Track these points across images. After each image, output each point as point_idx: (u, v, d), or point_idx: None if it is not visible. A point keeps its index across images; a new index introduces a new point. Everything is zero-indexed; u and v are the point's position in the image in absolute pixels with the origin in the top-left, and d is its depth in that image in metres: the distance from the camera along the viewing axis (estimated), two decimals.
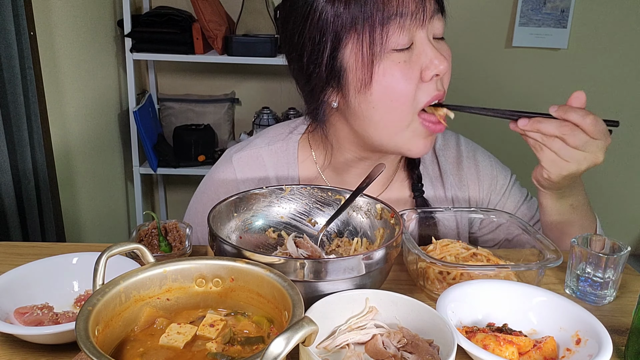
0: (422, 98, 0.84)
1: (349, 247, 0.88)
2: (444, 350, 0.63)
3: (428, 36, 0.83)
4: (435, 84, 0.85)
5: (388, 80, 0.81)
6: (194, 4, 2.28)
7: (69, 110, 2.12)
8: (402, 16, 0.78)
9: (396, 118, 0.85)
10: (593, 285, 0.83)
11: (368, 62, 0.81)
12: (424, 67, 0.82)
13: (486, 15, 2.66)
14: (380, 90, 0.82)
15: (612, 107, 2.78)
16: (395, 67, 0.81)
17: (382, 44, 0.79)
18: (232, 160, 1.03)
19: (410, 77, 0.82)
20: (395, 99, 0.82)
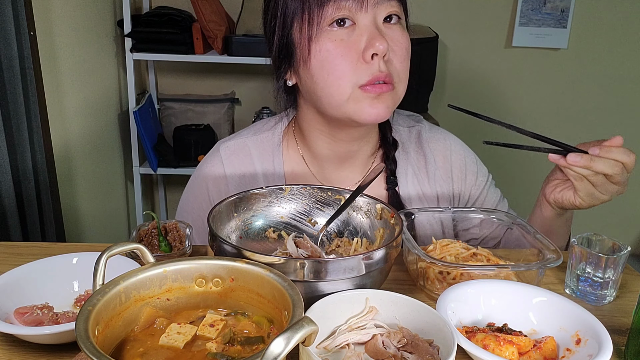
0: (362, 76, 0.88)
1: (349, 247, 0.88)
2: (444, 350, 0.63)
3: (376, 19, 0.88)
4: (377, 65, 0.88)
5: (324, 56, 0.88)
6: (194, 4, 2.28)
7: (69, 110, 2.12)
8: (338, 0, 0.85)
9: (335, 92, 0.90)
10: (593, 285, 0.83)
11: (307, 39, 0.88)
12: (365, 47, 0.87)
13: (486, 15, 2.66)
14: (317, 65, 0.89)
15: (612, 107, 2.78)
16: (331, 44, 0.87)
17: (318, 22, 0.86)
18: (220, 149, 1.07)
19: (347, 55, 0.87)
20: (331, 74, 0.88)
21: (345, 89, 0.89)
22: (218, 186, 1.06)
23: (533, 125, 2.82)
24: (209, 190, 1.06)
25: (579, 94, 2.77)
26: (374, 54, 0.87)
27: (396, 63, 0.91)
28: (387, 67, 0.89)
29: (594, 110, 2.79)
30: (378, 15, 0.89)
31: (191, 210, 1.09)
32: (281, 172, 1.05)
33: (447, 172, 1.10)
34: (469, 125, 2.81)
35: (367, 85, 0.89)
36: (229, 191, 1.04)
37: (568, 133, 2.84)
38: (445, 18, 2.66)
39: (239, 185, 1.05)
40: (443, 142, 1.12)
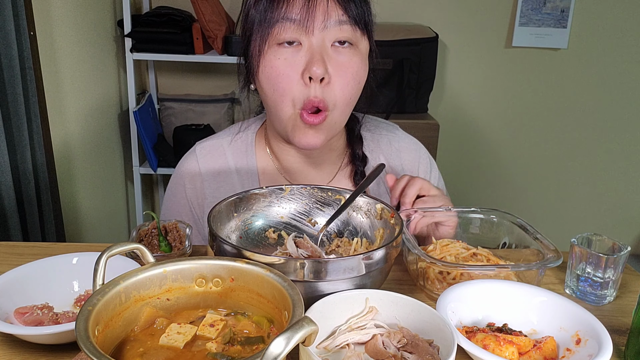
0: (299, 97, 0.91)
1: (349, 247, 0.88)
2: (444, 350, 0.63)
3: (323, 42, 0.90)
4: (313, 89, 0.90)
5: (269, 72, 0.92)
6: (194, 4, 2.28)
7: (69, 110, 2.12)
8: (286, 20, 0.89)
9: (278, 108, 0.94)
10: (593, 285, 0.83)
11: (257, 54, 0.93)
12: (303, 69, 0.90)
13: (486, 15, 2.66)
14: (264, 80, 0.94)
15: (612, 107, 2.78)
16: (275, 62, 0.91)
17: (267, 40, 0.91)
18: (196, 150, 1.12)
19: (289, 73, 0.90)
20: (275, 90, 0.92)
21: (287, 106, 0.93)
22: (194, 184, 1.09)
23: (533, 125, 2.83)
24: (185, 188, 1.10)
25: (579, 94, 2.77)
26: (310, 77, 0.89)
27: (337, 89, 0.92)
28: (322, 93, 0.91)
29: (594, 110, 2.79)
30: (326, 38, 0.91)
31: (171, 208, 1.12)
32: (254, 170, 1.09)
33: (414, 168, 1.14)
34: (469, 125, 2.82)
35: (303, 111, 0.92)
36: (204, 188, 1.08)
37: (568, 133, 2.84)
38: (445, 18, 2.66)
39: (213, 183, 1.09)
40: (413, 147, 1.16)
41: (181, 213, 1.10)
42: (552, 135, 2.85)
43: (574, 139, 2.84)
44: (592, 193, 2.90)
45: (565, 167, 2.88)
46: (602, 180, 2.89)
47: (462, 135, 2.79)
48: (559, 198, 2.92)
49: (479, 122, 2.81)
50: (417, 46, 2.42)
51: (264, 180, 1.09)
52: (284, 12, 0.89)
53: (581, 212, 2.93)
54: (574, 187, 2.90)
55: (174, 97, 2.69)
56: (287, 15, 0.89)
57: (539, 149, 2.87)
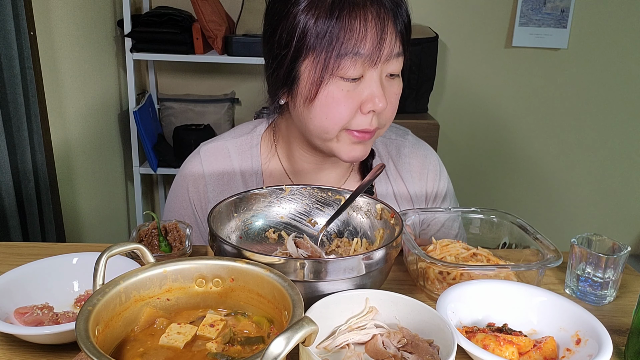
0: (354, 124, 0.92)
1: (349, 248, 0.88)
2: (444, 350, 0.63)
3: (380, 75, 0.91)
4: (370, 118, 0.92)
5: (329, 102, 0.90)
6: (194, 4, 2.28)
7: (69, 110, 2.12)
8: (356, 55, 0.86)
9: (326, 131, 0.93)
10: (593, 285, 0.83)
11: (317, 82, 0.89)
12: (365, 100, 0.90)
13: (486, 15, 2.66)
14: (319, 108, 0.91)
15: (612, 107, 2.78)
16: (339, 94, 0.89)
17: (332, 71, 0.88)
18: (200, 151, 1.10)
19: (349, 105, 0.90)
20: (330, 119, 0.91)
21: (335, 131, 0.93)
22: (197, 186, 1.08)
23: (533, 125, 2.83)
24: (188, 190, 1.09)
25: (579, 94, 2.77)
26: (371, 110, 0.90)
27: (388, 114, 0.95)
28: (378, 121, 0.93)
29: (594, 110, 2.79)
30: (384, 71, 0.91)
31: (174, 209, 1.11)
32: (260, 174, 1.08)
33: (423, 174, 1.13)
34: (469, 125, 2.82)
35: (355, 131, 0.93)
36: (207, 190, 1.07)
37: (568, 133, 2.84)
38: (445, 18, 2.66)
39: (217, 185, 1.07)
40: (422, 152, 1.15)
41: (183, 215, 1.09)
42: (552, 135, 2.85)
43: (574, 138, 2.84)
44: (592, 193, 2.90)
45: (565, 167, 2.88)
46: (602, 180, 2.89)
47: (462, 135, 2.79)
48: (559, 198, 2.92)
49: (479, 122, 2.81)
50: (417, 46, 2.42)
51: (269, 183, 1.08)
52: (355, 47, 0.86)
53: (581, 212, 2.93)
54: (574, 187, 2.90)
55: (174, 97, 2.69)
56: (359, 50, 0.86)
57: (539, 149, 2.87)
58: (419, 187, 1.13)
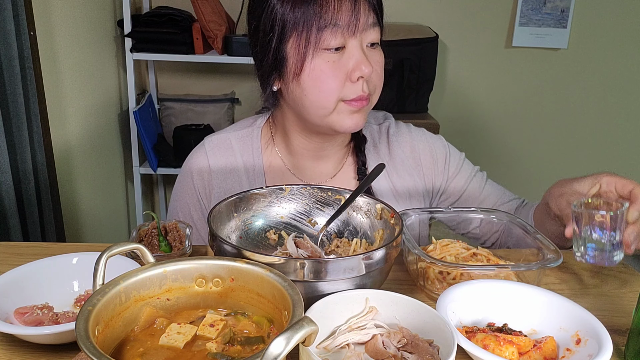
0: (347, 94, 0.97)
1: (348, 248, 0.88)
2: (444, 350, 0.63)
3: (361, 44, 0.96)
4: (361, 85, 0.97)
5: (318, 75, 0.96)
6: (194, 4, 2.28)
7: (69, 110, 2.12)
8: (335, 25, 0.93)
9: (322, 105, 0.98)
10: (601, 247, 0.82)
11: (302, 57, 0.95)
12: (352, 69, 0.95)
13: (486, 15, 2.66)
14: (309, 81, 0.97)
15: (612, 107, 2.78)
16: (324, 65, 0.95)
17: (315, 44, 0.94)
18: (205, 143, 1.15)
19: (337, 75, 0.96)
20: (322, 90, 0.96)
21: (332, 103, 0.97)
22: (202, 176, 1.12)
23: (533, 124, 2.83)
24: (194, 180, 1.13)
25: (579, 94, 2.77)
26: (359, 76, 0.95)
27: (375, 80, 1.00)
28: (368, 87, 0.98)
29: (594, 110, 2.79)
30: (364, 39, 0.97)
31: (180, 199, 1.15)
32: (260, 165, 1.12)
33: (417, 166, 1.16)
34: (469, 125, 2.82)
35: (350, 100, 0.97)
36: (212, 182, 1.11)
37: (568, 133, 2.84)
38: (445, 18, 2.66)
39: (221, 176, 1.11)
40: (408, 135, 1.17)
41: (189, 204, 1.13)
42: (552, 135, 2.85)
43: (574, 138, 2.84)
44: None
45: (565, 167, 2.88)
46: None
47: (462, 135, 2.79)
48: None
49: (479, 122, 2.81)
50: (417, 46, 2.42)
51: (269, 174, 1.12)
52: (332, 19, 0.93)
53: None
54: None
55: (174, 97, 2.68)
56: (335, 22, 0.93)
57: (538, 148, 2.87)
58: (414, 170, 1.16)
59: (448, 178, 1.16)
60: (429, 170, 1.15)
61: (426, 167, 1.15)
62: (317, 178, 1.12)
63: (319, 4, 0.92)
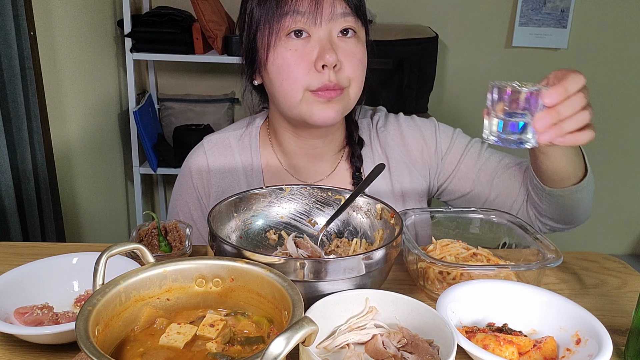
0: (313, 83, 0.96)
1: (348, 248, 0.88)
2: (444, 350, 0.63)
3: (330, 34, 0.96)
4: (327, 75, 0.95)
5: (280, 63, 0.97)
6: (194, 4, 2.28)
7: (69, 110, 2.12)
8: (295, 12, 0.94)
9: (288, 94, 0.98)
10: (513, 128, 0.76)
11: (267, 46, 0.97)
12: (316, 58, 0.95)
13: (486, 15, 2.66)
14: (274, 70, 0.98)
15: (612, 107, 2.78)
16: (287, 53, 0.96)
17: (277, 33, 0.96)
18: (204, 143, 1.16)
19: (300, 63, 0.96)
20: (285, 79, 0.97)
21: (298, 92, 0.97)
22: (201, 175, 1.13)
23: None
24: (193, 179, 1.13)
25: None
26: (323, 64, 0.94)
27: (348, 71, 0.98)
28: (336, 77, 0.96)
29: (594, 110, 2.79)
30: (333, 29, 0.96)
31: (180, 198, 1.15)
32: (258, 165, 1.12)
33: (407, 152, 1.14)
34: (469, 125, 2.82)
35: (317, 91, 0.96)
36: (211, 181, 1.12)
37: None
38: (445, 18, 2.66)
39: (219, 175, 1.12)
40: (396, 124, 1.16)
41: (189, 203, 1.14)
42: None
43: None
44: None
45: None
46: (601, 180, 2.87)
47: None
48: None
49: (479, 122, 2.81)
50: (417, 46, 2.42)
51: (267, 174, 1.12)
52: (293, 6, 0.94)
53: None
54: None
55: (174, 97, 2.68)
56: (296, 9, 0.94)
57: None
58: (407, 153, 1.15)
59: (443, 155, 1.14)
60: (421, 153, 1.14)
61: (417, 151, 1.14)
62: (313, 177, 1.11)
63: None
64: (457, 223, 1.07)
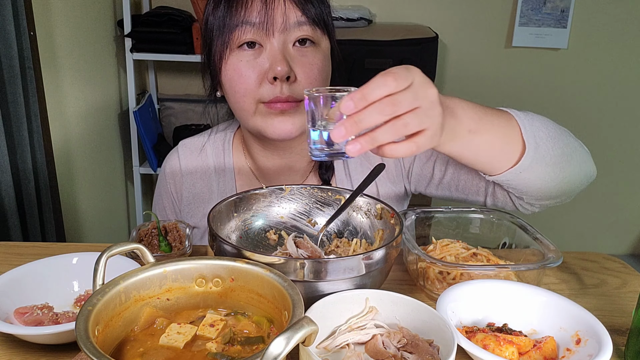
0: (263, 95, 0.94)
1: (348, 248, 0.88)
2: (444, 350, 0.63)
3: (284, 44, 0.93)
4: (279, 87, 0.92)
5: (232, 75, 0.96)
6: (194, 4, 2.28)
7: (69, 110, 2.12)
8: (246, 23, 0.92)
9: (240, 106, 0.97)
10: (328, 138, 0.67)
11: (219, 57, 0.96)
12: (267, 69, 0.92)
13: (486, 15, 2.66)
14: (226, 82, 0.98)
15: (612, 107, 2.78)
16: (238, 64, 0.95)
17: (229, 44, 0.94)
18: (179, 147, 1.17)
19: (251, 74, 0.94)
20: (237, 90, 0.96)
21: (250, 104, 0.96)
22: (174, 179, 1.15)
23: None
24: (167, 183, 1.15)
25: (578, 94, 2.77)
26: (275, 76, 0.92)
27: (304, 82, 0.94)
28: (290, 89, 0.93)
29: (594, 110, 2.79)
30: (287, 39, 0.94)
31: (158, 202, 1.18)
32: (231, 169, 1.12)
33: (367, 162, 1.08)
34: None
35: (270, 103, 0.94)
36: (183, 183, 1.13)
37: None
38: (445, 18, 2.66)
39: (190, 179, 1.13)
40: None
41: (165, 206, 1.16)
42: None
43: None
44: (591, 193, 2.90)
45: None
46: (601, 180, 2.88)
47: None
48: None
49: None
50: (417, 46, 2.42)
51: (239, 180, 1.12)
52: (243, 17, 0.92)
53: (580, 212, 2.93)
54: None
55: (174, 97, 2.68)
56: (246, 20, 0.92)
57: None
58: None
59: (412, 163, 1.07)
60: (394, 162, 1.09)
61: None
62: None
63: (231, 4, 0.93)
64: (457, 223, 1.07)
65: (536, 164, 0.84)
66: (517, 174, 0.85)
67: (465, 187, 1.02)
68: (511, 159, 0.83)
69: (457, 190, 1.03)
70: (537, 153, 0.84)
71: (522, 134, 0.84)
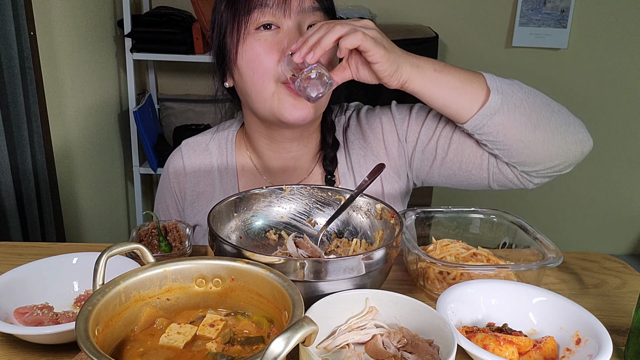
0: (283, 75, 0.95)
1: (348, 248, 0.88)
2: (444, 350, 0.63)
3: (300, 25, 0.96)
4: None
5: (249, 55, 0.96)
6: (194, 4, 2.28)
7: (69, 110, 2.12)
8: (263, 6, 0.95)
9: (260, 87, 0.97)
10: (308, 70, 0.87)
11: (236, 42, 0.97)
12: (286, 46, 0.94)
13: (486, 15, 2.66)
14: (244, 64, 0.97)
15: (612, 107, 2.78)
16: (256, 44, 0.96)
17: (246, 26, 0.96)
18: (182, 146, 1.17)
19: (269, 53, 0.95)
20: (256, 71, 0.96)
21: (269, 84, 0.96)
22: (178, 178, 1.15)
23: None
24: (171, 182, 1.15)
25: (579, 94, 2.77)
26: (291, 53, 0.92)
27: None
28: None
29: (594, 110, 2.79)
30: (302, 22, 0.96)
31: (161, 201, 1.18)
32: (234, 167, 1.12)
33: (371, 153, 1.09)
34: None
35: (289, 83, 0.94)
36: (186, 183, 1.14)
37: None
38: (445, 18, 2.66)
39: (194, 178, 1.13)
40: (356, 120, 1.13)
41: (168, 205, 1.16)
42: None
43: None
44: (591, 193, 2.90)
45: None
46: (602, 180, 2.89)
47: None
48: (559, 198, 2.92)
49: None
50: (417, 46, 2.42)
51: (242, 178, 1.12)
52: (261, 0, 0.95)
53: (581, 212, 2.93)
54: (574, 187, 2.90)
55: (174, 97, 2.68)
56: (264, 2, 0.95)
57: None
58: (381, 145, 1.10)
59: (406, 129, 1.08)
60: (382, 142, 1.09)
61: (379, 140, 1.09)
62: (287, 181, 1.10)
63: None
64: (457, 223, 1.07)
65: (508, 109, 0.94)
66: (489, 117, 0.92)
67: (468, 162, 1.01)
68: (478, 99, 0.95)
69: (460, 169, 1.02)
70: (505, 97, 0.95)
71: (486, 81, 0.98)
